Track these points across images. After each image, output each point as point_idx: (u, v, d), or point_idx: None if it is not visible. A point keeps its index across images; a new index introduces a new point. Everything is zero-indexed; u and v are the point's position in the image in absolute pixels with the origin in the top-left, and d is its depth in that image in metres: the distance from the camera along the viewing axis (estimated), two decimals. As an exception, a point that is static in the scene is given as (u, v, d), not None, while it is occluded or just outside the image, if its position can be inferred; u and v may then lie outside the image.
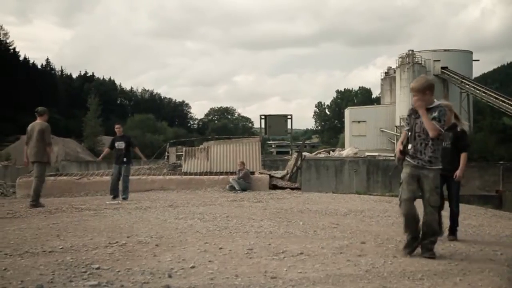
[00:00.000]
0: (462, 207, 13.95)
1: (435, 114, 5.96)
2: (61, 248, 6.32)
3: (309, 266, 5.46)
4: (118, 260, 5.73)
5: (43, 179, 12.38)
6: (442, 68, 58.80)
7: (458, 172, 7.54)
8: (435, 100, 6.18)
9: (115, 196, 14.18)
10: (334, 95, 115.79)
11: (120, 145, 14.36)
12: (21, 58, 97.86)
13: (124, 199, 13.97)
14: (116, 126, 14.91)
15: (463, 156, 7.61)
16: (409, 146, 6.15)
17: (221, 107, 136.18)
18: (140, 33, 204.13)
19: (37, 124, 12.21)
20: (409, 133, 6.22)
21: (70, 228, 8.09)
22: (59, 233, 7.53)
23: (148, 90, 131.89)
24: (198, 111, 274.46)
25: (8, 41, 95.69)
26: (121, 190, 14.32)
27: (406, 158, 6.13)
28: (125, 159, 14.35)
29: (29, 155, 12.06)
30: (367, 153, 39.81)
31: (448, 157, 7.26)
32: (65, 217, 9.60)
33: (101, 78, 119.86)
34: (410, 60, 57.21)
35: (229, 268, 5.35)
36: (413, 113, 6.18)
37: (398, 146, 6.32)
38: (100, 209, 11.08)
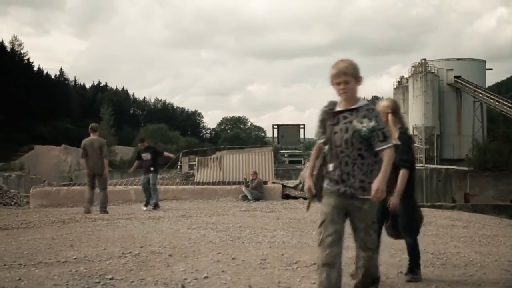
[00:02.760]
0: (477, 217, 13.88)
1: (372, 123, 4.18)
2: (75, 258, 6.34)
3: (322, 277, 5.43)
4: (131, 270, 5.74)
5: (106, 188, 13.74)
6: (455, 77, 58.53)
7: (393, 199, 5.22)
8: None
9: (146, 203, 14.78)
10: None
11: (146, 156, 14.96)
12: (35, 68, 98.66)
13: (155, 207, 14.49)
14: (139, 144, 15.98)
15: (401, 175, 5.30)
16: (330, 167, 4.29)
17: (233, 116, 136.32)
18: (155, 43, 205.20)
19: (96, 140, 13.15)
20: (326, 148, 4.33)
21: (83, 238, 8.12)
22: (72, 243, 7.56)
23: (160, 99, 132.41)
24: (210, 120, 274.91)
25: (22, 51, 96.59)
26: (151, 197, 14.82)
27: (326, 185, 4.30)
28: (151, 169, 14.82)
29: (91, 168, 13.02)
30: (380, 163, 39.50)
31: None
32: (78, 227, 9.63)
33: (114, 88, 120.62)
34: (423, 69, 57.02)
35: (242, 279, 5.35)
36: (329, 118, 4.32)
37: (308, 175, 4.49)
38: (113, 219, 11.10)
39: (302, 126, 35.37)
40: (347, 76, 4.20)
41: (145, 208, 14.49)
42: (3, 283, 5.14)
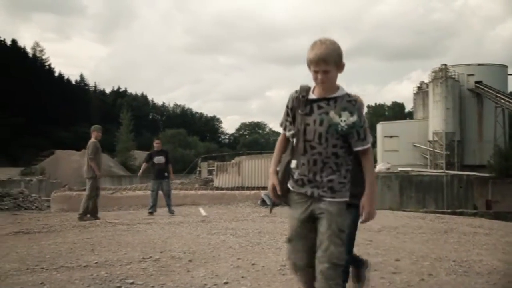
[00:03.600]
0: (499, 224, 13.70)
1: (354, 118, 3.54)
2: (96, 263, 6.37)
3: (343, 283, 5.40)
4: (151, 275, 5.75)
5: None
6: (476, 82, 57.97)
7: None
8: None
9: (152, 212, 14.10)
10: (366, 110, 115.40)
11: (160, 159, 14.35)
12: (56, 74, 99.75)
13: (172, 213, 14.11)
14: (156, 141, 15.19)
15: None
16: (293, 164, 3.65)
17: (252, 121, 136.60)
18: (175, 49, 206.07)
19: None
20: (293, 141, 3.68)
21: (104, 242, 8.16)
22: (93, 248, 7.60)
23: (179, 105, 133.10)
24: (229, 126, 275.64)
25: (44, 57, 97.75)
26: (167, 205, 14.42)
27: (291, 186, 3.66)
28: (165, 174, 14.35)
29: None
30: (399, 168, 39.49)
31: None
32: (99, 232, 9.69)
33: (134, 93, 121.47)
34: (443, 75, 56.57)
35: (262, 285, 5.33)
36: (300, 106, 3.62)
37: (271, 172, 3.79)
38: (134, 223, 11.15)
39: (321, 131, 35.31)
40: (328, 65, 3.47)
41: (150, 214, 13.90)
42: (26, 286, 5.19)
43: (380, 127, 63.60)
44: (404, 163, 49.51)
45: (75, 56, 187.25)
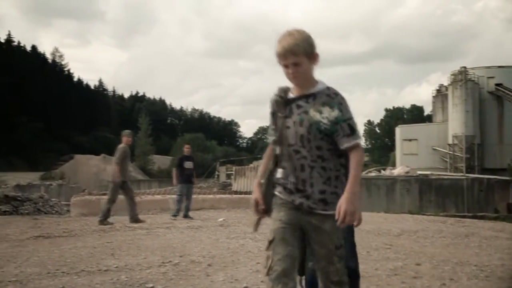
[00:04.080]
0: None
1: (335, 112, 3.16)
2: (116, 267, 6.40)
3: (363, 288, 5.38)
4: (171, 279, 5.77)
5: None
6: (497, 85, 57.40)
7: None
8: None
9: (176, 216, 14.16)
10: (384, 113, 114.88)
11: (190, 164, 14.56)
12: (75, 79, 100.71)
13: (190, 217, 14.14)
14: (186, 146, 15.44)
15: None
16: (279, 173, 3.31)
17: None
18: (193, 53, 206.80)
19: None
20: (277, 147, 3.35)
21: (124, 247, 8.20)
22: (113, 252, 7.64)
23: (198, 109, 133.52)
24: (247, 130, 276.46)
25: (63, 63, 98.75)
26: (185, 209, 14.43)
27: (278, 193, 3.30)
28: (192, 179, 14.63)
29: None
30: (419, 172, 39.23)
31: None
32: (119, 236, 9.73)
33: (152, 98, 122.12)
34: (462, 77, 56.13)
35: (282, 289, 5.31)
36: (280, 108, 3.32)
37: (256, 184, 3.44)
38: (153, 228, 11.19)
39: (339, 135, 35.25)
40: (297, 57, 3.14)
41: (174, 218, 13.94)
42: (47, 291, 5.23)
43: (399, 130, 63.25)
44: (423, 166, 49.13)
45: (94, 61, 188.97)
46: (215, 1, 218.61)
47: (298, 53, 3.13)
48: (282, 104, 3.30)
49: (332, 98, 3.19)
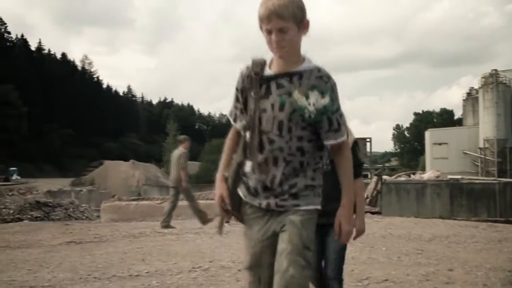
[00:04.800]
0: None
1: (326, 100, 2.62)
2: (147, 272, 6.44)
3: (395, 294, 5.33)
4: (201, 284, 5.78)
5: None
6: (528, 87, 56.72)
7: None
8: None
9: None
10: (413, 117, 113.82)
11: None
12: (104, 86, 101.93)
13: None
14: None
15: (357, 187, 3.48)
16: (248, 167, 2.75)
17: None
18: (221, 60, 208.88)
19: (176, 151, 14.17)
20: (246, 135, 2.77)
21: (154, 252, 8.24)
22: (144, 257, 7.68)
23: (225, 114, 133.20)
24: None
25: (92, 70, 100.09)
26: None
27: (244, 196, 2.79)
28: None
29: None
30: (449, 176, 38.75)
31: (328, 190, 3.12)
32: (149, 241, 9.79)
33: (180, 104, 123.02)
34: (493, 80, 55.43)
35: (313, 295, 5.29)
36: (253, 86, 2.71)
37: (219, 178, 2.86)
38: (182, 233, 11.23)
39: (368, 139, 35.05)
40: (284, 21, 2.56)
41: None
42: (80, 296, 5.28)
43: (428, 134, 62.71)
44: (454, 170, 48.50)
45: (123, 67, 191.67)
46: (241, 7, 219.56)
47: (286, 16, 2.56)
48: (257, 81, 2.69)
49: (325, 82, 2.62)
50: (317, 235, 3.06)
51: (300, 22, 2.62)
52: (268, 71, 2.70)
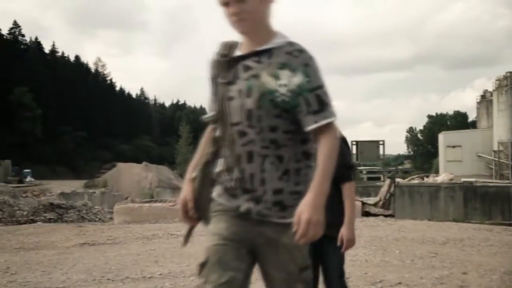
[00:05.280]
0: None
1: (299, 78, 2.21)
2: (160, 274, 6.45)
3: (409, 297, 5.30)
4: (215, 287, 5.77)
5: None
6: (543, 89, 56.27)
7: (344, 232, 3.24)
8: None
9: None
10: (427, 119, 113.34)
11: None
12: (117, 88, 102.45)
13: None
14: None
15: (347, 194, 3.32)
16: (219, 165, 2.40)
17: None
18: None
19: None
20: (217, 128, 2.41)
21: (167, 254, 8.25)
22: (157, 259, 7.70)
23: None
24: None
25: (105, 72, 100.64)
26: None
27: (217, 196, 2.41)
28: None
29: None
30: (463, 179, 38.57)
31: None
32: (162, 243, 9.80)
33: (193, 106, 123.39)
34: (508, 83, 54.99)
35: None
36: (222, 71, 2.37)
37: (187, 178, 2.48)
38: (195, 235, 11.22)
39: (381, 142, 34.87)
40: None
41: None
42: (93, 297, 5.30)
43: (442, 137, 62.35)
44: (467, 173, 48.22)
45: (136, 70, 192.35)
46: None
47: None
48: (224, 65, 2.33)
49: (295, 56, 2.21)
50: (310, 249, 2.68)
51: None
52: (237, 53, 2.34)
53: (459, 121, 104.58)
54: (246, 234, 2.30)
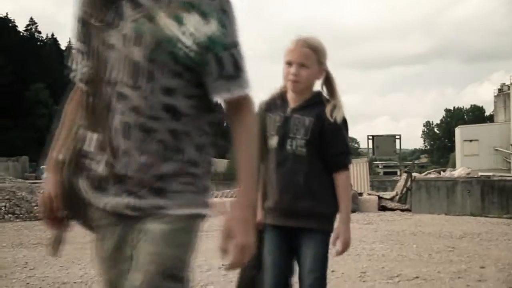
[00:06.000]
0: None
1: (212, 26, 1.58)
2: (177, 269, 6.47)
3: (426, 291, 5.28)
4: (231, 281, 5.77)
5: None
6: (561, 82, 55.72)
7: (341, 231, 2.91)
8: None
9: None
10: (444, 113, 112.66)
11: None
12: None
13: None
14: None
15: (341, 184, 2.92)
16: (90, 142, 1.70)
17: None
18: (248, 57, 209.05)
19: None
20: (89, 89, 1.69)
21: (183, 249, 8.28)
22: (174, 254, 7.72)
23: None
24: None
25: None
26: None
27: (84, 189, 1.76)
28: None
29: None
30: (480, 173, 38.33)
31: (299, 182, 2.74)
32: (178, 238, 9.85)
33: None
34: (525, 75, 54.66)
35: (343, 292, 5.27)
36: (96, 11, 1.65)
37: (47, 175, 1.84)
38: (211, 230, 11.23)
39: (397, 136, 34.81)
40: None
41: None
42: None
43: (459, 131, 61.96)
44: (485, 167, 47.87)
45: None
46: (270, 4, 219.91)
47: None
48: (102, 2, 1.66)
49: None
50: (283, 243, 2.70)
51: None
52: None
53: (476, 115, 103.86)
54: (126, 242, 1.71)
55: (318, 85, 2.89)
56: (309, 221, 2.71)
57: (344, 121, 2.78)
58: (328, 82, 2.86)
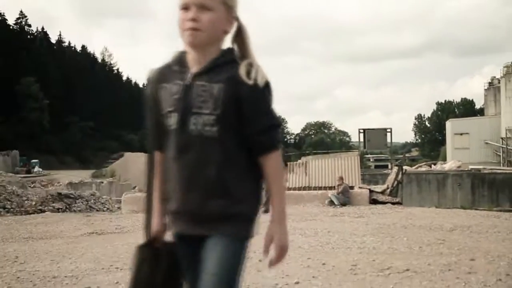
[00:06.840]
0: None
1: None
2: (168, 262, 6.47)
3: (416, 284, 5.31)
4: None
5: None
6: (551, 76, 55.93)
7: (275, 233, 2.15)
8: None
9: None
10: (435, 107, 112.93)
11: None
12: (124, 78, 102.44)
13: None
14: None
15: (271, 171, 2.09)
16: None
17: (317, 121, 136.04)
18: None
19: None
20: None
21: (175, 242, 8.28)
22: (165, 248, 7.72)
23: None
24: (294, 126, 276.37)
25: (112, 62, 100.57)
26: None
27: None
28: None
29: None
30: (470, 166, 38.50)
31: (204, 173, 2.05)
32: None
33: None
34: (515, 69, 54.82)
35: (334, 284, 5.29)
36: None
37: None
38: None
39: (389, 130, 34.86)
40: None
41: None
42: (102, 286, 5.34)
43: (449, 124, 62.16)
44: (475, 160, 48.09)
45: (144, 60, 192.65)
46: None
47: None
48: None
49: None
50: (190, 256, 2.17)
51: None
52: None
53: (467, 108, 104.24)
54: None
55: (227, 42, 2.20)
56: (222, 226, 2.08)
57: (267, 85, 2.11)
58: (240, 37, 2.18)
